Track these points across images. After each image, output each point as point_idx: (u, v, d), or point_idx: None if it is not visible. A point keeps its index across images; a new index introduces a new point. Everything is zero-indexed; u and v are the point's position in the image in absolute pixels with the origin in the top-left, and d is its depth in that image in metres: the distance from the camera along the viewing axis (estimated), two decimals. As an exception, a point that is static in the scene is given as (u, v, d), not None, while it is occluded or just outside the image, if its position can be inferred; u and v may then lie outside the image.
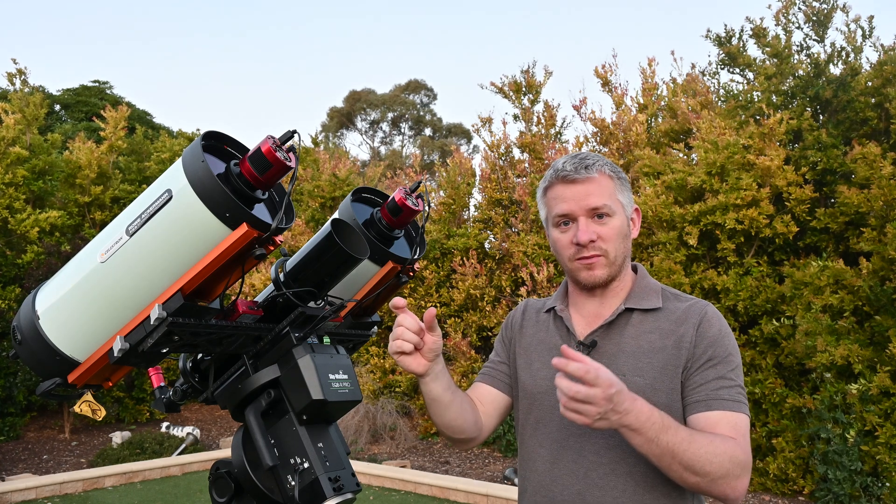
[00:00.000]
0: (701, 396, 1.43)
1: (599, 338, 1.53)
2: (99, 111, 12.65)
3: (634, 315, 1.53)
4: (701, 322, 1.48)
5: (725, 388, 1.43)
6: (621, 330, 1.52)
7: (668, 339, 1.48)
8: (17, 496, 6.32)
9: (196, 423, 10.45)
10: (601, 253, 1.51)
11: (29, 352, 1.27)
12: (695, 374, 1.45)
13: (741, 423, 1.41)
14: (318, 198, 11.29)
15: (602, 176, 1.52)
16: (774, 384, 6.63)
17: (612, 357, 1.50)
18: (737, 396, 1.43)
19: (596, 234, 1.50)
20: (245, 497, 1.32)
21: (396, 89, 33.60)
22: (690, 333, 1.47)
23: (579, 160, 1.53)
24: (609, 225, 1.51)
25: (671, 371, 1.46)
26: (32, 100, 10.81)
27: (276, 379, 1.30)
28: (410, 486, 6.72)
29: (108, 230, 1.23)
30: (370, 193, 1.57)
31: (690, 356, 1.46)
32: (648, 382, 1.45)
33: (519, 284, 8.97)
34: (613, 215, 1.51)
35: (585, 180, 1.51)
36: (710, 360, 1.45)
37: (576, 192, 1.51)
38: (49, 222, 9.88)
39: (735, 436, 1.38)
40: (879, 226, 6.47)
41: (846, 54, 7.86)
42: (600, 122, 9.54)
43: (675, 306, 1.53)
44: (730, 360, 1.46)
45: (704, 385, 1.43)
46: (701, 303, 1.53)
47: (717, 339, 1.47)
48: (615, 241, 1.52)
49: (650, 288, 1.57)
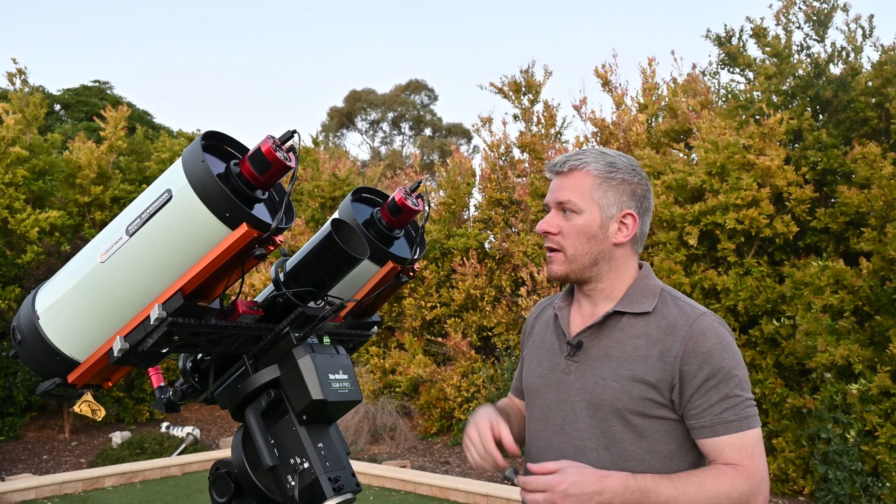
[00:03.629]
0: (706, 422, 1.40)
1: (587, 339, 1.51)
2: (99, 111, 12.64)
3: (624, 318, 1.49)
4: (691, 337, 1.41)
5: (730, 408, 1.39)
6: (609, 333, 1.49)
7: (654, 347, 1.43)
8: (17, 496, 6.31)
9: (196, 423, 10.45)
10: (558, 248, 1.51)
11: (29, 352, 1.27)
12: (696, 396, 1.40)
13: (749, 441, 1.38)
14: (318, 198, 11.28)
15: (580, 173, 1.50)
16: (774, 384, 6.62)
17: (598, 360, 1.48)
18: (743, 413, 1.39)
19: (557, 227, 1.50)
20: (245, 497, 1.32)
21: (397, 89, 33.58)
22: (677, 348, 1.41)
23: (570, 155, 1.53)
24: (571, 222, 1.49)
25: (650, 381, 1.42)
26: (32, 100, 10.81)
27: (276, 379, 1.30)
28: (410, 486, 6.72)
29: (107, 230, 1.23)
30: (370, 193, 1.57)
31: (677, 373, 1.40)
32: (625, 388, 1.43)
33: (519, 284, 8.96)
34: (579, 213, 1.48)
35: (562, 174, 1.52)
36: (708, 379, 1.39)
37: (554, 184, 1.54)
38: (49, 222, 9.87)
39: (740, 460, 1.37)
40: (879, 226, 6.47)
41: (846, 54, 7.85)
42: (600, 121, 9.53)
43: (668, 312, 1.47)
44: (731, 375, 1.40)
45: (708, 410, 1.39)
46: (696, 312, 1.46)
47: (713, 354, 1.40)
48: (575, 239, 1.48)
49: (647, 290, 1.51)
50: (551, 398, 1.54)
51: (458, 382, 8.74)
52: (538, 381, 1.58)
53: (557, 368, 1.54)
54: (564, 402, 1.51)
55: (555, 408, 1.52)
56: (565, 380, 1.52)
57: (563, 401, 1.51)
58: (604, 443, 1.44)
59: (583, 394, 1.48)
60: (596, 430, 1.45)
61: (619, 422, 1.43)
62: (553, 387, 1.54)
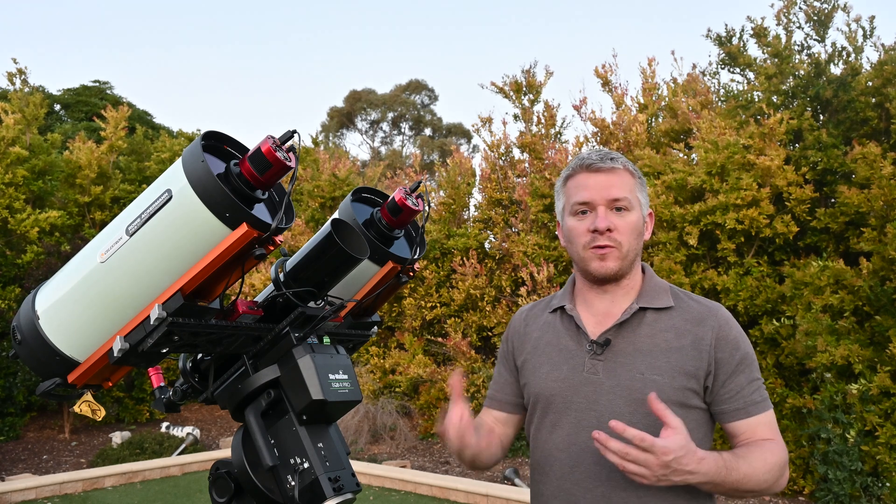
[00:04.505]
0: (740, 404, 1.49)
1: (612, 336, 1.51)
2: (99, 111, 12.64)
3: (648, 314, 1.52)
4: (720, 326, 1.50)
5: (757, 389, 1.50)
6: (635, 329, 1.51)
7: (685, 338, 1.49)
8: (17, 496, 6.31)
9: (196, 423, 10.45)
10: (615, 245, 1.50)
11: (29, 352, 1.27)
12: (728, 381, 1.48)
13: (773, 419, 1.51)
14: (318, 198, 11.28)
15: (625, 171, 1.54)
16: (774, 384, 6.63)
17: (629, 356, 1.49)
18: (764, 394, 1.51)
19: (613, 225, 1.50)
20: (245, 497, 1.32)
21: (397, 89, 33.58)
22: (709, 336, 1.49)
23: (605, 153, 1.55)
24: (626, 219, 1.51)
25: (689, 370, 1.47)
26: (32, 100, 10.80)
27: (276, 379, 1.30)
28: (410, 486, 6.72)
29: (107, 230, 1.23)
30: (370, 193, 1.57)
31: (713, 361, 1.48)
32: (667, 381, 1.46)
33: (519, 284, 8.96)
34: (631, 210, 1.52)
35: (609, 171, 1.53)
36: (739, 363, 1.49)
37: (598, 181, 1.52)
38: (49, 222, 9.87)
39: (773, 435, 1.48)
40: (879, 226, 6.47)
41: (847, 54, 7.85)
42: (600, 121, 9.53)
43: (689, 305, 1.54)
44: (753, 360, 1.52)
45: (740, 392, 1.48)
46: (714, 305, 1.55)
47: (739, 341, 1.50)
48: (629, 236, 1.52)
49: (660, 287, 1.57)
50: (580, 400, 1.51)
51: (458, 382, 8.73)
52: (557, 384, 1.55)
53: (581, 369, 1.52)
54: (597, 402, 1.49)
55: (586, 409, 1.50)
56: (593, 380, 1.50)
57: (596, 401, 1.49)
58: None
59: (619, 390, 1.47)
60: (640, 426, 1.40)
61: None
62: (580, 388, 1.51)
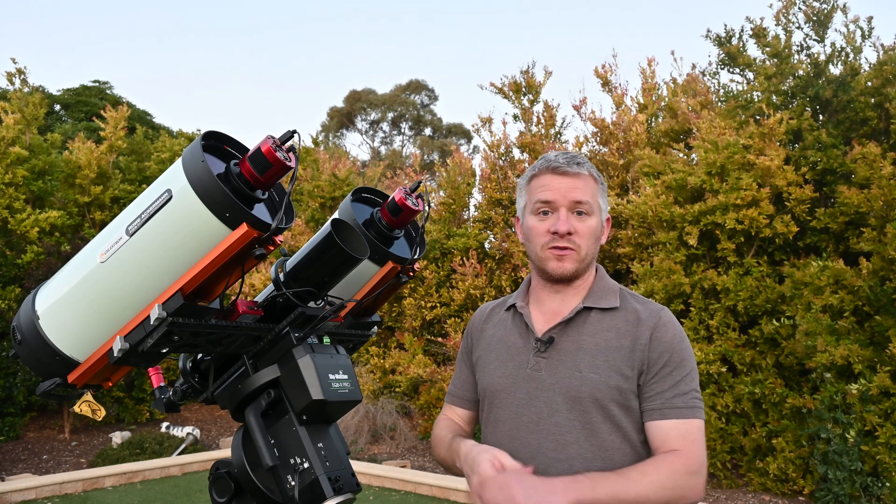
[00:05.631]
0: (657, 405, 1.49)
1: (557, 335, 1.56)
2: (99, 111, 12.63)
3: (592, 313, 1.57)
4: (656, 326, 1.52)
5: (680, 395, 1.48)
6: (579, 327, 1.56)
7: (625, 338, 1.52)
8: (17, 496, 6.31)
9: (196, 423, 10.45)
10: (574, 248, 1.55)
11: (29, 352, 1.27)
12: (652, 381, 1.50)
13: (692, 429, 1.47)
14: (318, 198, 11.28)
15: (589, 176, 1.58)
16: (774, 384, 6.63)
17: (571, 354, 1.53)
18: (691, 402, 1.49)
19: (574, 228, 1.54)
20: (245, 497, 1.32)
21: (397, 89, 33.57)
22: (646, 336, 1.51)
23: (571, 156, 1.59)
24: (586, 223, 1.56)
25: (625, 370, 1.50)
26: (32, 100, 10.80)
27: (276, 379, 1.30)
28: (410, 486, 6.72)
29: (107, 230, 1.23)
30: (370, 193, 1.57)
31: (646, 360, 1.50)
32: (603, 379, 1.49)
33: (519, 284, 8.96)
34: (592, 214, 1.57)
35: (574, 175, 1.57)
36: (665, 366, 1.49)
37: (562, 183, 1.56)
38: (49, 222, 9.87)
39: (682, 445, 1.45)
40: (879, 226, 6.47)
41: (846, 54, 7.86)
42: (600, 122, 9.53)
43: (633, 307, 1.57)
44: (684, 365, 1.51)
45: (661, 394, 1.49)
46: (657, 307, 1.58)
47: (672, 344, 1.51)
48: (588, 240, 1.56)
49: (609, 288, 1.61)
50: (521, 396, 1.55)
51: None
52: (503, 380, 1.59)
53: (525, 366, 1.56)
54: (537, 399, 1.53)
55: (526, 405, 1.54)
56: (536, 376, 1.54)
57: (536, 397, 1.53)
58: (584, 435, 1.48)
59: (558, 388, 1.51)
60: (576, 423, 1.48)
61: (599, 412, 1.48)
62: (522, 384, 1.55)
